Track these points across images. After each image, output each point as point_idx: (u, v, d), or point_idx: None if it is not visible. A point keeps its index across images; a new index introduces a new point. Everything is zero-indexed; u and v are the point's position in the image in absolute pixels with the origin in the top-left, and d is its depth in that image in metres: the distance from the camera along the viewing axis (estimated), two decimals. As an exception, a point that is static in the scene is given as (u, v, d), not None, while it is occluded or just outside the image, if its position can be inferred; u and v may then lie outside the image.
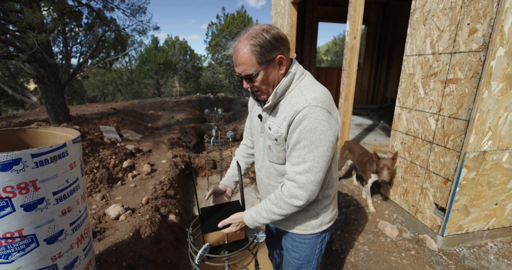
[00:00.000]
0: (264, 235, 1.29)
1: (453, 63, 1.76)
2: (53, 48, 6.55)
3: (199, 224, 1.31)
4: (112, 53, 10.72)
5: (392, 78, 7.83)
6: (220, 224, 1.12)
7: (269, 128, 1.03)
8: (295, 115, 0.92)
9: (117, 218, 2.41)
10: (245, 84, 0.99)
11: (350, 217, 2.38)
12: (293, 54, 5.65)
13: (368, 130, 5.47)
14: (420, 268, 1.76)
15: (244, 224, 1.11)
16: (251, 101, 1.21)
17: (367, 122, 6.09)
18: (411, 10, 2.08)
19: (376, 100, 8.08)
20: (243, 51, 0.90)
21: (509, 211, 1.98)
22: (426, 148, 2.02)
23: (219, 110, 5.59)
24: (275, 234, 1.41)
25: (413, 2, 2.06)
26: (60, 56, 9.94)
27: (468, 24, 1.65)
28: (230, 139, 3.61)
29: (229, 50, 0.95)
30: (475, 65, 1.62)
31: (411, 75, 2.13)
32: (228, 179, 1.34)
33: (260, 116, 1.09)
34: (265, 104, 1.04)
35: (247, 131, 1.37)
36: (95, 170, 3.14)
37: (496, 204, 1.92)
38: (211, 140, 3.51)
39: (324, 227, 1.19)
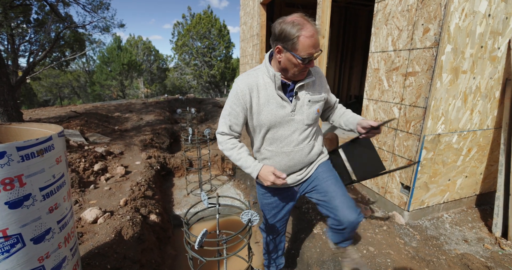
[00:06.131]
0: (257, 217, 1.37)
1: (411, 58, 2.01)
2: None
3: (194, 214, 1.35)
4: (68, 53, 9.89)
5: (355, 77, 8.41)
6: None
7: (312, 98, 1.30)
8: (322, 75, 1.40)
9: (95, 221, 2.30)
10: (312, 64, 1.20)
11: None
12: (263, 54, 5.80)
13: (337, 125, 5.82)
14: (392, 241, 1.98)
15: None
16: (267, 96, 1.26)
17: (335, 118, 6.46)
18: (374, 12, 2.31)
19: (341, 97, 8.61)
20: (320, 34, 1.23)
21: (459, 185, 2.31)
22: (391, 134, 2.27)
23: (193, 110, 5.52)
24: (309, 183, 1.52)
25: (375, 5, 2.30)
26: (4, 55, 8.92)
27: (422, 24, 1.91)
28: (208, 137, 3.61)
29: (311, 31, 1.13)
30: (429, 59, 1.87)
31: (376, 70, 2.37)
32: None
33: (291, 99, 1.28)
34: (289, 88, 1.28)
35: (239, 127, 1.35)
36: (63, 175, 2.93)
37: (449, 180, 2.23)
38: (189, 138, 3.48)
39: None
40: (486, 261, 1.72)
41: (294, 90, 1.26)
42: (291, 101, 1.28)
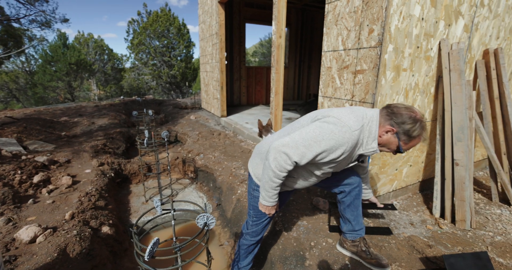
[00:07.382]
0: (214, 221, 1.32)
1: (359, 57, 2.13)
2: None
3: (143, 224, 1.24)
4: (0, 50, 8.68)
5: (313, 77, 8.77)
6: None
7: (360, 162, 1.50)
8: None
9: (33, 241, 2.02)
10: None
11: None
12: (223, 54, 5.72)
13: (298, 123, 5.99)
14: (349, 231, 2.07)
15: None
16: (350, 154, 1.32)
17: (295, 116, 6.66)
18: (325, 13, 2.41)
19: (301, 96, 8.92)
20: None
21: (405, 174, 2.52)
22: (345, 130, 2.38)
23: (150, 112, 5.21)
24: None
25: (326, 6, 2.39)
26: None
27: (368, 25, 2.03)
28: (166, 140, 3.43)
29: (424, 137, 1.28)
30: (375, 58, 2.00)
31: (329, 68, 2.47)
32: None
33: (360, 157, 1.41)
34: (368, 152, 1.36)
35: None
36: (-8, 190, 2.53)
37: (396, 169, 2.42)
38: (145, 141, 3.27)
39: None
40: (428, 241, 1.90)
41: (363, 156, 1.40)
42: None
